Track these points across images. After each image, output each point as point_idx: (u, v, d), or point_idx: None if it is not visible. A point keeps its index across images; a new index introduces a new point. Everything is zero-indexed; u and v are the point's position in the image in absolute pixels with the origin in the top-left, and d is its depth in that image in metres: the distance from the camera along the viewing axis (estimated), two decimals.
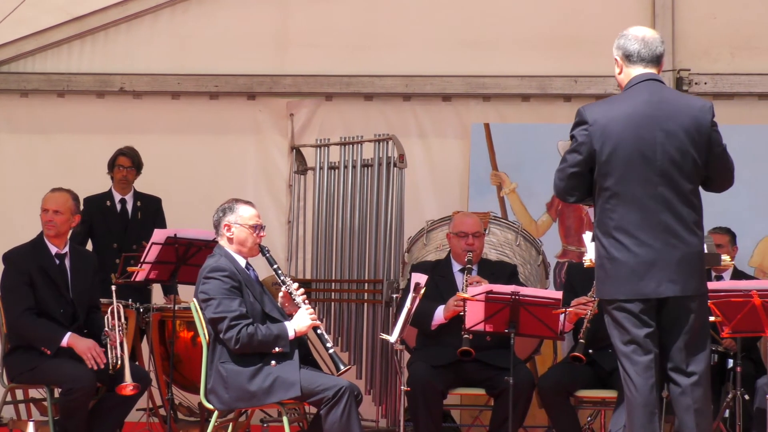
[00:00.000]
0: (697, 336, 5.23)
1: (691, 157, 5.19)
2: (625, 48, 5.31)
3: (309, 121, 9.13)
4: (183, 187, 8.92)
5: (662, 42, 5.33)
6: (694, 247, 5.19)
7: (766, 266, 8.70)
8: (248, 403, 6.15)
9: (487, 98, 9.03)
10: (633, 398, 5.24)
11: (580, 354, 6.68)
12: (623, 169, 5.20)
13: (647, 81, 5.27)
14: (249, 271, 6.32)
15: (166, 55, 9.11)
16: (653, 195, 5.17)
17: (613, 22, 8.82)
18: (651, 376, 5.20)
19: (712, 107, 5.27)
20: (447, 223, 7.63)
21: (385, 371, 7.77)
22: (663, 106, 5.23)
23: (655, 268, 5.16)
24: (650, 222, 5.17)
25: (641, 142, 5.18)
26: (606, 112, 5.28)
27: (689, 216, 5.19)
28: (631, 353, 5.23)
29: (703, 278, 5.24)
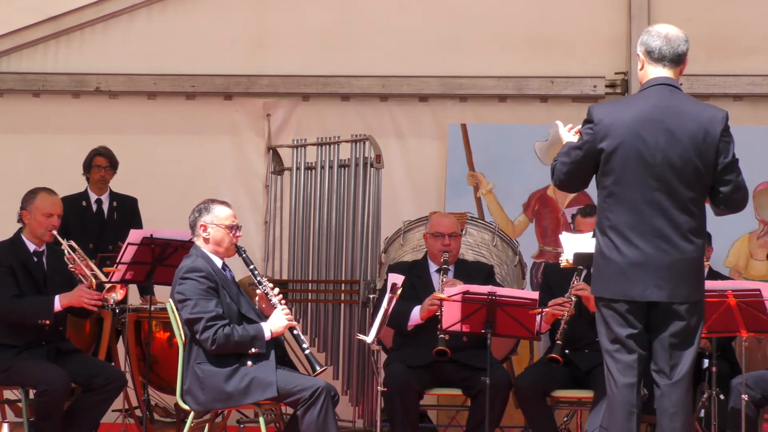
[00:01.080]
0: (684, 341, 5.22)
1: (693, 165, 5.17)
2: (647, 44, 5.29)
3: (286, 122, 9.12)
4: (159, 187, 8.90)
5: (686, 40, 5.29)
6: (687, 254, 5.17)
7: (741, 267, 8.75)
8: (225, 403, 6.14)
9: (464, 99, 9.04)
10: (613, 396, 5.26)
11: (557, 355, 6.69)
12: (621, 170, 5.20)
13: (660, 86, 5.27)
14: (225, 271, 6.31)
15: (143, 55, 9.08)
16: (649, 199, 5.17)
17: (589, 24, 8.89)
18: (633, 376, 5.21)
19: (726, 117, 5.23)
20: (424, 223, 7.63)
21: (362, 372, 7.77)
22: (670, 111, 5.22)
23: (643, 271, 5.16)
24: (643, 225, 5.17)
25: (642, 145, 5.17)
26: (612, 112, 5.30)
27: (686, 223, 5.17)
28: (614, 351, 5.25)
29: (696, 286, 5.20)
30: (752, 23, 8.78)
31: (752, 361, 7.63)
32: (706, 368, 6.99)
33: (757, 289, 6.24)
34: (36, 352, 6.70)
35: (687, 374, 5.24)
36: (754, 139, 8.61)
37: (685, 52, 5.30)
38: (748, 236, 8.76)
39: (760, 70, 8.72)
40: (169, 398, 7.83)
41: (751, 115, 8.78)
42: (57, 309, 6.72)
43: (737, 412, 6.43)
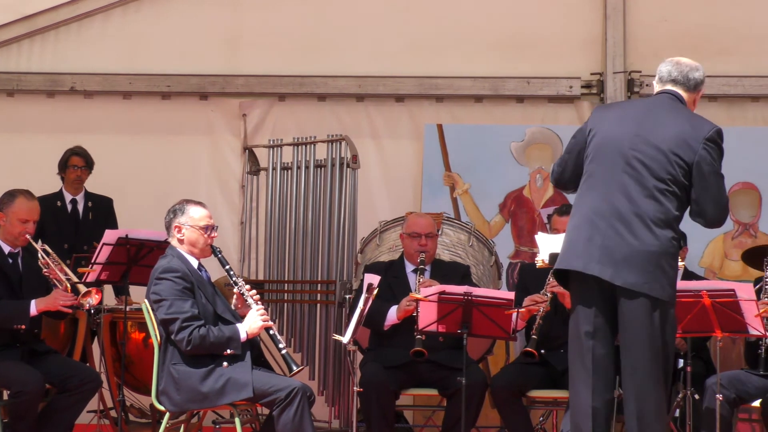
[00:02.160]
0: (643, 342, 5.20)
1: (669, 159, 5.20)
2: (660, 71, 5.46)
3: (262, 122, 9.11)
4: (135, 187, 8.87)
5: (700, 69, 5.40)
6: (646, 245, 5.17)
7: (716, 267, 8.78)
8: (200, 404, 6.12)
9: (440, 99, 9.05)
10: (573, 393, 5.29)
11: (533, 349, 6.71)
12: (595, 153, 5.30)
13: (661, 94, 5.39)
14: (201, 272, 6.29)
15: (118, 54, 9.05)
16: (615, 180, 5.23)
17: (565, 24, 8.92)
18: (588, 375, 5.23)
19: (717, 130, 5.29)
20: (400, 223, 7.63)
21: (338, 372, 7.76)
22: (658, 111, 5.31)
23: (590, 244, 5.19)
24: (605, 205, 5.21)
25: (619, 131, 5.28)
26: (607, 108, 5.59)
27: (650, 211, 5.17)
28: (577, 349, 5.28)
29: (650, 278, 5.17)
30: (727, 24, 8.82)
31: (727, 360, 7.66)
32: (681, 368, 7.01)
33: (732, 289, 6.27)
34: (10, 354, 6.66)
35: (649, 377, 5.20)
36: (729, 139, 8.47)
37: (697, 79, 5.39)
38: (722, 237, 8.79)
39: (735, 71, 8.76)
40: (145, 399, 7.81)
41: (725, 115, 8.81)
42: (33, 314, 6.66)
43: (712, 412, 6.46)
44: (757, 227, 8.78)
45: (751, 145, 8.71)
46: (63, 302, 6.66)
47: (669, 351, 5.31)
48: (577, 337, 5.30)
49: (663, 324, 5.24)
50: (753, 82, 8.75)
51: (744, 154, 8.67)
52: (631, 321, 5.20)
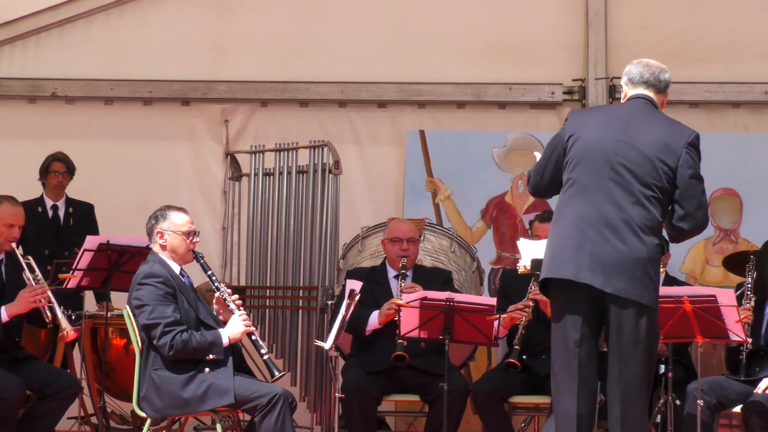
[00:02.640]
0: (629, 347, 5.23)
1: (654, 165, 5.23)
2: (629, 72, 5.47)
3: (244, 128, 9.09)
4: (116, 193, 8.85)
5: (667, 70, 5.46)
6: (634, 251, 5.19)
7: (697, 273, 8.81)
8: (181, 410, 6.11)
9: (422, 105, 9.06)
10: (556, 399, 5.30)
11: (515, 360, 6.72)
12: (579, 159, 5.29)
13: (637, 98, 5.41)
14: (183, 277, 6.28)
15: (100, 60, 9.03)
16: (602, 188, 5.22)
17: (547, 31, 8.94)
18: (574, 382, 5.24)
19: (695, 135, 5.33)
20: (382, 229, 7.63)
21: (320, 378, 7.75)
22: (640, 116, 5.33)
23: (580, 252, 5.19)
24: (592, 213, 5.21)
25: (603, 137, 5.28)
26: (584, 114, 5.57)
27: (638, 218, 5.20)
28: (562, 356, 5.28)
29: (638, 285, 5.20)
30: (708, 31, 8.85)
31: (707, 366, 7.69)
32: (662, 374, 7.02)
33: (713, 295, 6.29)
34: None
35: (634, 384, 5.23)
36: (710, 145, 8.52)
37: (667, 81, 5.46)
38: (704, 242, 8.82)
39: (716, 78, 8.79)
40: (126, 405, 7.79)
41: (706, 122, 8.85)
42: (5, 320, 6.61)
43: (693, 418, 6.47)
44: (738, 233, 8.81)
45: (732, 152, 8.75)
46: (33, 298, 6.59)
47: (653, 357, 5.35)
48: (563, 344, 5.29)
49: (649, 330, 5.27)
50: (734, 88, 8.79)
51: (725, 160, 8.71)
52: (619, 327, 5.22)
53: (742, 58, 8.81)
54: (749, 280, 6.90)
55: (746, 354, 6.75)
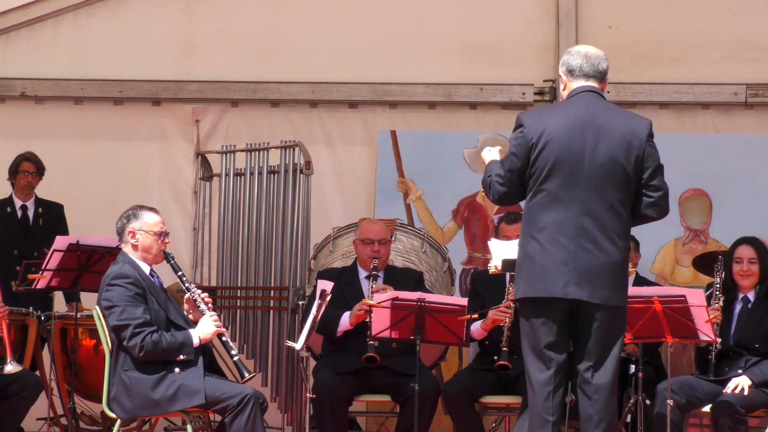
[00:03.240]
0: (604, 347, 5.27)
1: (621, 166, 5.24)
2: (568, 63, 5.41)
3: (215, 128, 9.06)
4: (86, 193, 8.81)
5: (606, 58, 5.42)
6: (612, 257, 5.22)
7: (667, 273, 8.84)
8: (152, 411, 6.08)
9: (394, 105, 9.06)
10: (531, 402, 5.32)
11: (506, 362, 6.72)
12: (550, 168, 5.26)
13: (586, 92, 5.36)
14: (153, 278, 6.26)
15: (69, 59, 8.99)
16: (576, 197, 5.22)
17: (517, 31, 8.95)
18: (550, 384, 5.26)
19: (650, 124, 5.34)
20: (353, 229, 7.62)
21: (291, 378, 7.74)
22: (599, 114, 5.31)
23: (566, 269, 5.20)
24: (569, 224, 5.21)
25: (572, 144, 5.25)
26: (541, 115, 5.42)
27: (612, 224, 5.23)
28: (533, 359, 5.30)
29: (616, 291, 5.25)
30: (678, 32, 8.89)
31: (677, 366, 7.72)
32: (632, 373, 7.05)
33: (682, 295, 6.32)
34: None
35: (609, 382, 5.27)
36: (679, 146, 8.72)
37: (606, 69, 5.43)
38: (674, 243, 8.86)
39: (686, 79, 8.83)
40: (96, 406, 7.74)
41: (676, 122, 8.89)
42: None
43: (662, 417, 6.50)
44: (708, 234, 8.85)
45: (702, 152, 8.79)
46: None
47: (620, 354, 5.39)
48: (536, 347, 5.30)
49: (621, 329, 5.35)
50: (703, 89, 8.82)
51: (694, 161, 8.76)
52: (597, 328, 5.25)
53: (712, 60, 8.85)
54: (718, 280, 6.94)
55: (715, 354, 6.78)
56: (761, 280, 6.87)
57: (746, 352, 6.78)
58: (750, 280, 6.87)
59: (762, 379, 6.65)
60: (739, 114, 8.89)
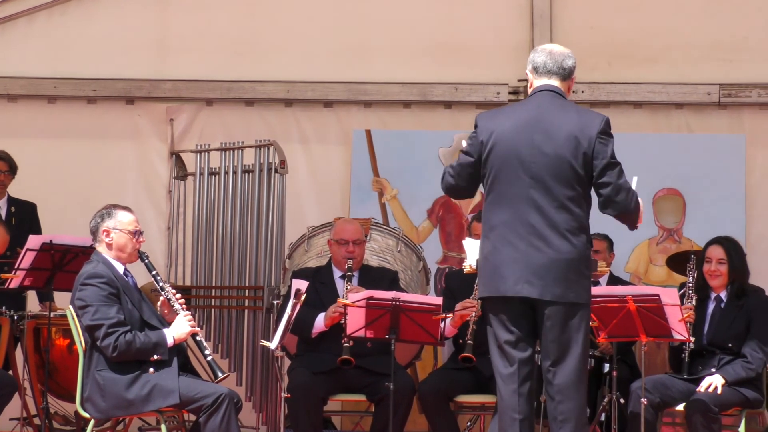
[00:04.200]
0: (563, 346, 5.27)
1: (569, 163, 5.26)
2: (533, 61, 5.44)
3: (189, 127, 9.04)
4: (59, 192, 8.77)
5: (572, 56, 5.43)
6: (564, 254, 5.24)
7: (641, 272, 8.87)
8: (126, 411, 6.07)
9: (369, 105, 9.06)
10: (499, 400, 5.34)
11: (469, 354, 6.73)
12: (498, 169, 5.31)
13: (543, 91, 5.39)
14: (127, 277, 6.24)
15: (42, 58, 8.94)
16: (525, 197, 5.25)
17: (492, 31, 8.97)
18: (514, 382, 5.28)
19: (605, 120, 5.32)
20: (328, 229, 7.62)
21: (266, 378, 7.72)
22: (549, 113, 5.32)
23: (516, 267, 5.23)
24: (519, 223, 5.24)
25: (518, 143, 5.28)
26: (495, 116, 5.45)
27: (563, 222, 5.24)
28: (498, 357, 5.32)
29: (570, 287, 5.24)
30: (653, 32, 8.92)
31: (651, 365, 7.76)
32: (606, 372, 7.08)
33: (656, 294, 6.34)
34: None
35: (571, 382, 5.27)
36: (653, 146, 8.77)
37: (571, 67, 5.43)
38: (647, 242, 8.89)
39: (660, 79, 8.86)
40: (69, 406, 7.71)
41: (650, 122, 8.93)
42: None
43: (636, 416, 6.52)
44: (681, 233, 8.89)
45: (676, 152, 8.83)
46: None
47: (587, 349, 5.41)
48: (498, 346, 5.34)
49: (585, 326, 5.33)
50: (677, 89, 8.86)
51: (668, 160, 8.80)
52: (551, 326, 5.26)
53: (686, 60, 8.89)
54: (690, 279, 6.97)
55: (689, 353, 6.81)
56: (732, 281, 6.90)
57: (719, 351, 6.81)
58: (718, 280, 6.89)
59: (735, 378, 6.68)
60: (712, 114, 8.93)
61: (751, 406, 6.79)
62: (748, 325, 6.81)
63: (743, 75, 8.83)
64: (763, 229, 8.79)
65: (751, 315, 6.83)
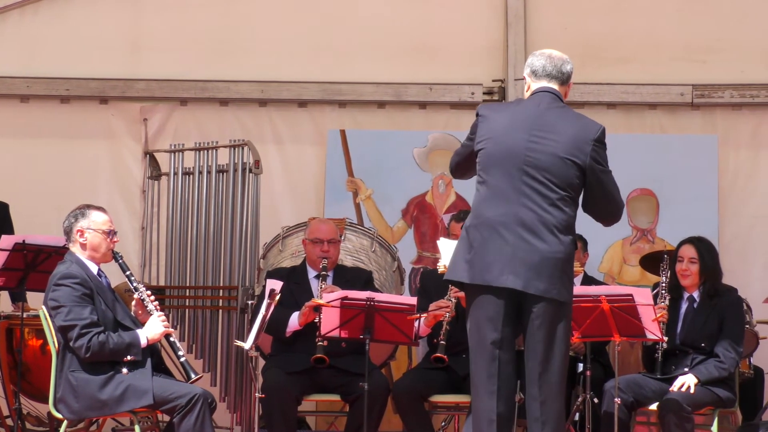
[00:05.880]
0: (547, 346, 5.27)
1: (565, 164, 5.28)
2: (532, 65, 5.50)
3: (163, 126, 9.02)
4: (32, 192, 8.73)
5: (569, 61, 5.49)
6: (551, 251, 5.24)
7: (615, 272, 8.90)
8: (99, 411, 6.06)
9: (343, 105, 9.05)
10: (475, 400, 5.33)
11: (442, 354, 6.74)
12: (491, 160, 5.33)
13: (543, 92, 5.43)
14: (101, 278, 6.23)
15: (15, 57, 8.90)
16: (517, 191, 5.26)
17: (467, 32, 8.99)
18: (493, 384, 5.28)
19: (602, 130, 5.38)
20: (303, 229, 7.62)
21: (240, 378, 7.71)
22: (548, 113, 5.37)
23: (504, 259, 5.23)
24: (510, 216, 5.24)
25: (515, 139, 5.31)
26: (497, 109, 5.54)
27: (553, 219, 5.26)
28: (477, 356, 5.32)
29: (554, 283, 5.25)
30: (626, 33, 8.96)
31: (625, 364, 7.78)
32: (580, 372, 7.09)
33: (630, 294, 6.36)
34: None
35: (556, 382, 5.29)
36: (627, 146, 8.79)
37: (569, 72, 5.49)
38: (621, 242, 8.92)
39: (633, 79, 8.90)
40: (42, 407, 7.68)
41: (623, 122, 8.96)
42: None
43: (610, 416, 6.55)
44: (655, 233, 8.92)
45: (649, 152, 8.87)
46: None
47: (568, 351, 5.42)
48: (481, 345, 5.32)
49: (567, 326, 5.35)
50: (651, 90, 8.90)
51: (641, 161, 8.83)
52: (539, 325, 5.26)
53: (659, 60, 8.93)
54: (664, 279, 7.00)
55: (662, 352, 6.84)
56: (703, 281, 6.93)
57: (692, 351, 6.84)
58: (689, 279, 6.92)
59: (708, 378, 6.72)
60: (685, 114, 8.98)
61: (723, 406, 6.82)
62: (721, 324, 6.85)
63: (716, 76, 8.88)
64: (735, 229, 8.84)
65: (723, 315, 6.86)
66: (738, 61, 8.87)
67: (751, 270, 8.73)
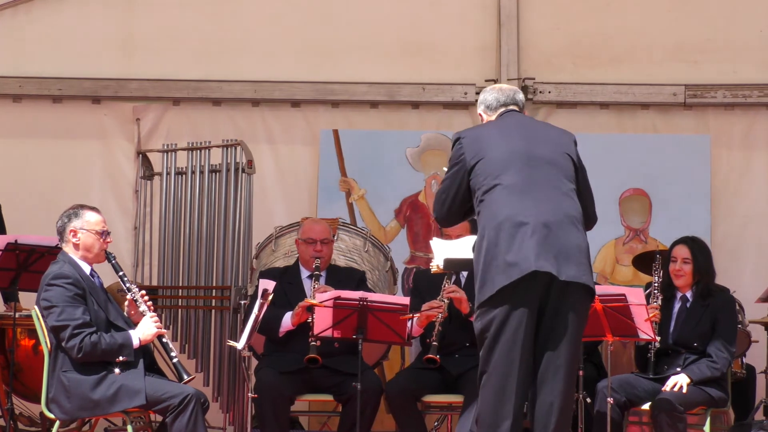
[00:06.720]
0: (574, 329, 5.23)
1: (567, 158, 5.36)
2: (485, 100, 5.55)
3: (156, 126, 9.01)
4: (25, 192, 8.72)
5: (520, 92, 5.56)
6: (577, 239, 5.24)
7: (608, 272, 8.91)
8: (92, 412, 6.05)
9: (336, 104, 9.06)
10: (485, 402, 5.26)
11: (434, 356, 6.74)
12: (499, 164, 5.30)
13: (511, 111, 5.50)
14: (94, 278, 6.22)
15: (7, 57, 8.89)
16: (532, 185, 5.26)
17: (459, 32, 9.00)
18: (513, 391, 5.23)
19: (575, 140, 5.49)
20: (296, 229, 7.62)
21: (233, 378, 7.71)
22: (530, 122, 5.52)
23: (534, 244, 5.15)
24: (530, 209, 5.20)
25: (512, 143, 5.34)
26: (478, 129, 5.52)
27: (570, 209, 5.28)
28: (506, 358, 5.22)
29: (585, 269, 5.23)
30: (618, 33, 8.97)
31: (617, 364, 7.79)
32: None
33: (623, 294, 6.37)
34: None
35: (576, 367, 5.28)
36: (619, 146, 8.81)
37: (523, 100, 5.57)
38: (614, 242, 8.93)
39: (625, 79, 8.91)
40: (34, 407, 7.67)
41: (616, 122, 8.97)
42: None
43: (603, 415, 6.55)
44: (648, 233, 8.93)
45: (641, 152, 8.88)
46: None
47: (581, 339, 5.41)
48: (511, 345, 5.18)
49: (587, 315, 5.37)
50: (643, 90, 8.91)
51: (634, 160, 8.85)
52: (570, 313, 5.21)
53: (652, 60, 8.94)
54: (656, 279, 7.01)
55: (655, 352, 6.85)
56: (697, 281, 6.94)
57: (685, 351, 6.85)
58: (683, 279, 6.93)
59: (700, 377, 6.73)
60: (677, 114, 8.99)
61: (716, 405, 6.84)
62: (714, 324, 6.86)
63: (708, 76, 8.90)
64: (728, 229, 8.85)
65: (716, 314, 6.87)
66: (730, 61, 8.89)
67: (743, 270, 8.74)
